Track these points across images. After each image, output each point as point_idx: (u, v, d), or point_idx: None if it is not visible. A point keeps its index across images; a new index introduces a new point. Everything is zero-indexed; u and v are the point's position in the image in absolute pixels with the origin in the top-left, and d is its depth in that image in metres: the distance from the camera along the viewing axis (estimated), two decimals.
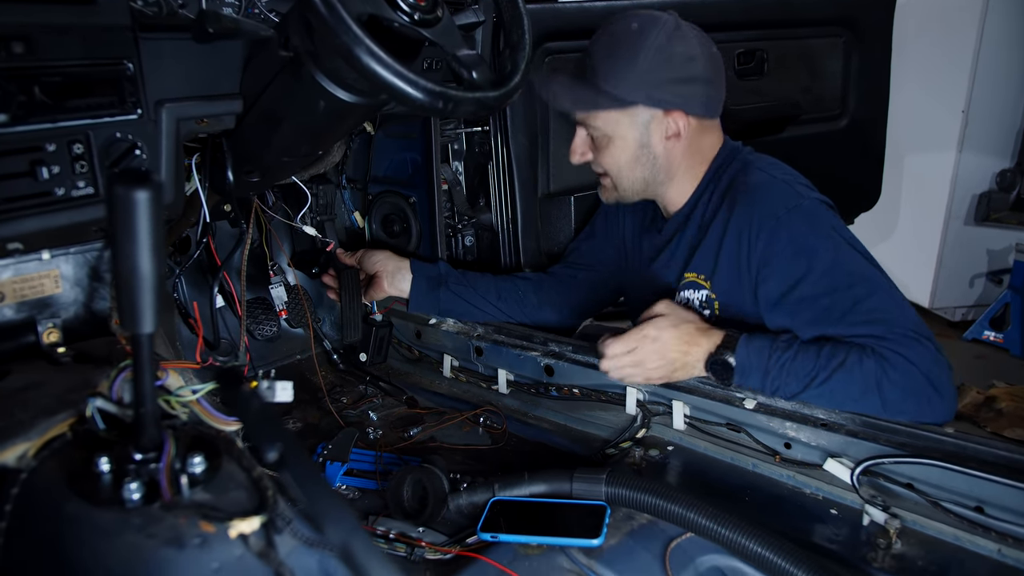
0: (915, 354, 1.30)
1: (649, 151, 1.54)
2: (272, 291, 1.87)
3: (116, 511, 0.75)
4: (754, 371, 1.37)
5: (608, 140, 1.54)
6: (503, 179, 1.89)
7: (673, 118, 1.51)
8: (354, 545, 0.55)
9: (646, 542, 1.16)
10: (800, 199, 1.44)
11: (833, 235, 1.41)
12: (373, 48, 0.90)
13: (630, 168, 1.56)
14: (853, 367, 1.31)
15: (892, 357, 1.30)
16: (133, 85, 1.06)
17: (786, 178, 1.50)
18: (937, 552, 1.17)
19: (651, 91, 1.48)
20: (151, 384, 0.78)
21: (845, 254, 1.40)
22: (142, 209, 0.66)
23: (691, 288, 1.59)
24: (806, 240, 1.40)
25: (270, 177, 1.51)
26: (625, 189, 1.60)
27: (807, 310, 1.39)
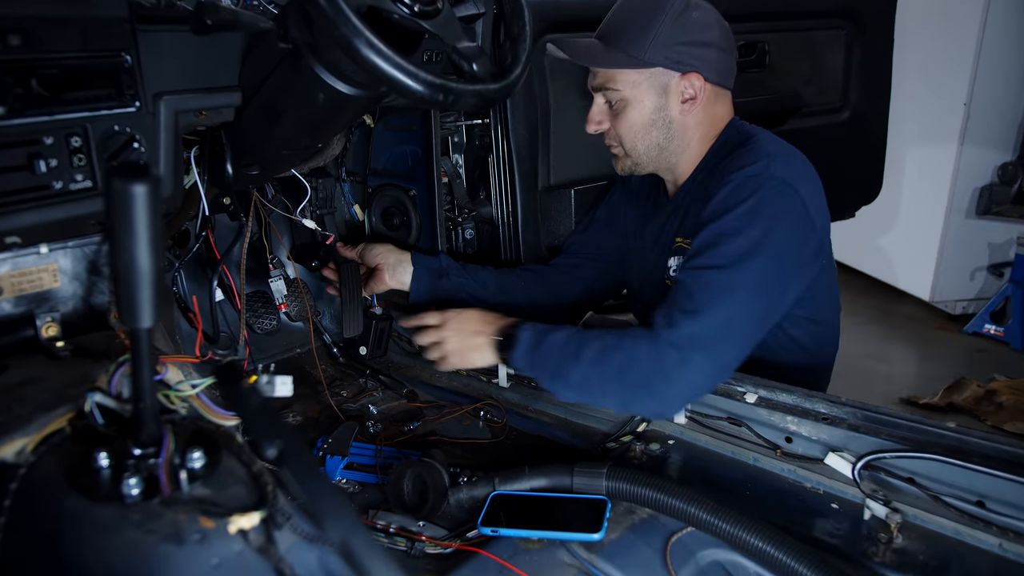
0: (681, 336, 1.31)
1: (666, 115, 1.55)
2: (272, 284, 1.86)
3: (115, 507, 0.74)
4: (524, 342, 1.44)
5: (625, 103, 1.55)
6: (503, 172, 1.88)
7: (690, 80, 1.53)
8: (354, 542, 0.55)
9: (647, 536, 1.16)
10: (766, 170, 1.41)
11: (757, 218, 1.38)
12: (373, 40, 0.89)
13: (646, 132, 1.57)
14: (611, 345, 1.35)
15: (667, 337, 1.32)
16: (131, 78, 1.06)
17: (772, 152, 1.46)
18: (938, 547, 1.17)
19: (670, 52, 1.50)
20: (150, 379, 0.78)
21: (749, 236, 1.36)
22: (140, 203, 0.65)
23: (679, 254, 1.60)
24: (736, 199, 1.39)
25: (269, 170, 1.51)
26: (640, 155, 1.60)
27: (692, 255, 1.41)
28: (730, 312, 1.33)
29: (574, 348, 1.38)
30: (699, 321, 1.32)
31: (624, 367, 1.33)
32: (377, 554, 0.54)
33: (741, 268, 1.35)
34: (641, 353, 1.32)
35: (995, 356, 3.91)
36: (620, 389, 1.35)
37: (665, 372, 1.31)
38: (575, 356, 1.37)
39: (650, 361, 1.31)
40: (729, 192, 1.41)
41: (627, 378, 1.33)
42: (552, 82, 1.88)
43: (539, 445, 1.58)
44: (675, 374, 1.31)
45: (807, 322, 1.57)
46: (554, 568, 1.10)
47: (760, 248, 1.36)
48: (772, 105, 2.44)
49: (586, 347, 1.37)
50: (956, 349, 4.05)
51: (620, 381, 1.34)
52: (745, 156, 1.46)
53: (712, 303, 1.33)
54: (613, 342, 1.35)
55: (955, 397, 3.26)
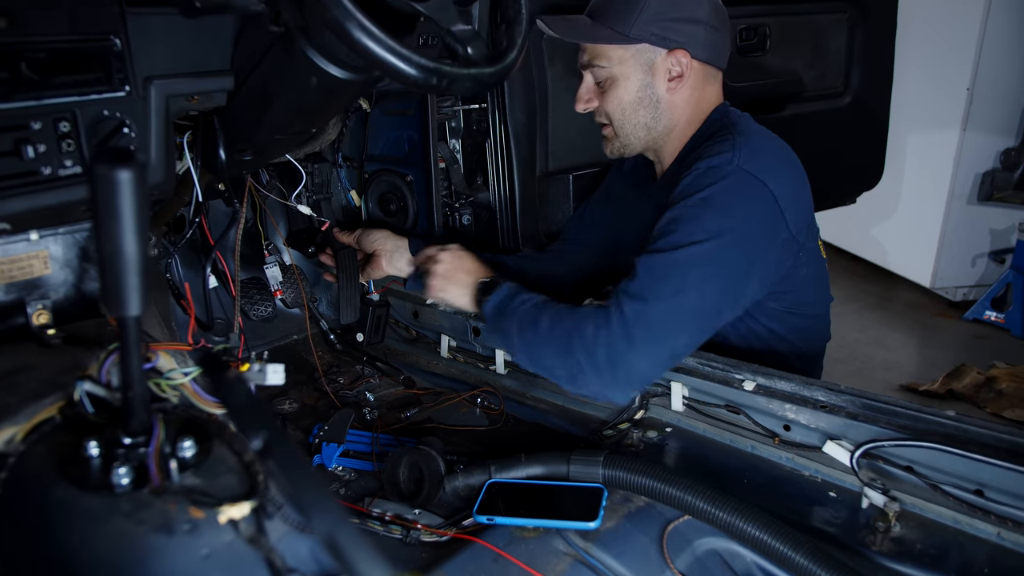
0: (625, 316, 1.30)
1: (652, 92, 1.54)
2: (267, 271, 1.85)
3: (105, 496, 0.74)
4: (496, 297, 1.47)
5: (612, 81, 1.55)
6: (501, 157, 1.87)
7: (676, 57, 1.51)
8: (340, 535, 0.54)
9: (643, 525, 1.16)
10: (731, 161, 1.39)
11: (712, 209, 1.36)
12: (365, 23, 0.87)
13: (633, 110, 1.56)
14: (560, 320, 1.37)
15: (613, 315, 1.31)
16: (120, 61, 1.04)
17: (745, 141, 1.43)
18: (936, 535, 1.17)
19: (656, 28, 1.49)
20: (139, 367, 0.77)
21: (703, 226, 1.35)
22: (125, 189, 0.64)
23: None
24: (695, 187, 1.38)
25: (263, 155, 1.49)
26: (628, 135, 1.59)
27: (650, 240, 1.40)
28: (679, 298, 1.32)
29: (533, 316, 1.40)
30: (646, 305, 1.31)
31: (571, 341, 1.33)
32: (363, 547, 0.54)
33: (691, 255, 1.33)
34: (588, 330, 1.32)
35: (995, 343, 3.90)
36: (566, 363, 1.34)
37: (610, 351, 1.30)
38: (532, 324, 1.39)
39: (596, 339, 1.31)
40: (691, 180, 1.41)
41: (574, 353, 1.33)
42: (550, 66, 1.87)
43: (536, 432, 1.58)
44: (620, 354, 1.30)
45: (786, 314, 1.54)
46: (550, 557, 1.09)
47: (715, 237, 1.33)
48: (772, 89, 2.42)
49: (543, 316, 1.39)
50: (956, 336, 4.04)
51: (567, 355, 1.34)
52: (715, 146, 1.44)
53: (659, 288, 1.32)
54: (567, 315, 1.37)
55: (955, 384, 3.25)
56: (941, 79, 3.94)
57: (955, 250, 4.25)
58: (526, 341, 1.41)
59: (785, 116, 2.47)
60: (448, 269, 1.59)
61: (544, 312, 1.40)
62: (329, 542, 0.55)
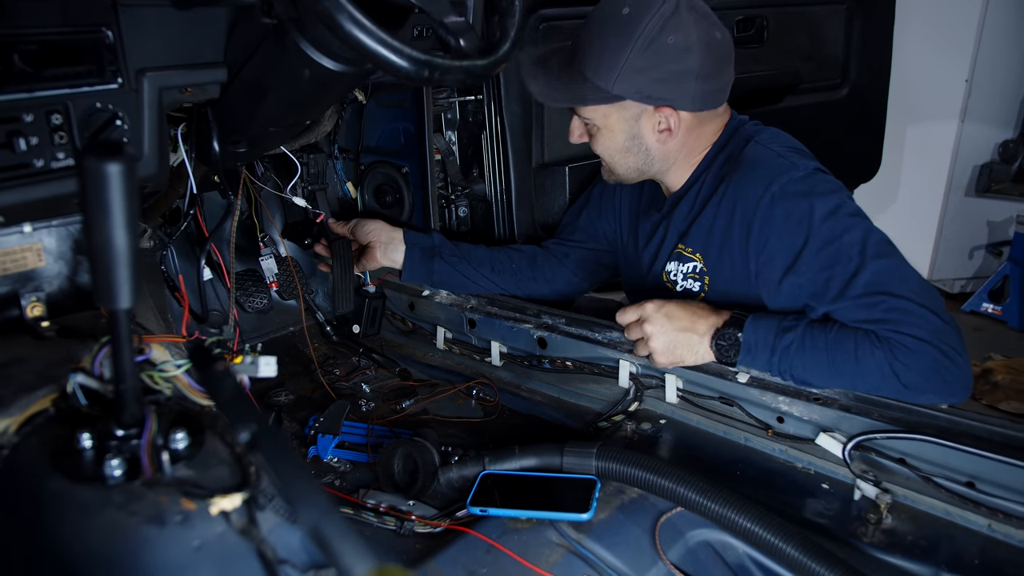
0: (922, 329, 1.25)
1: (640, 143, 1.50)
2: (262, 263, 1.85)
3: (97, 488, 0.74)
4: (761, 350, 1.33)
5: (598, 130, 1.52)
6: (497, 149, 1.86)
7: (664, 114, 1.46)
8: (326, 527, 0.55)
9: (636, 516, 1.17)
10: (794, 170, 1.39)
11: (827, 205, 1.35)
12: (356, 15, 0.87)
13: (622, 157, 1.54)
14: (864, 357, 1.26)
15: (898, 339, 1.25)
16: (112, 53, 1.04)
17: (782, 151, 1.44)
18: (928, 527, 1.17)
19: (640, 87, 1.42)
20: (131, 360, 0.77)
21: (841, 224, 1.34)
22: (115, 182, 0.64)
23: (678, 260, 1.57)
24: (801, 215, 1.36)
25: (257, 147, 1.49)
26: (621, 175, 1.58)
27: (808, 285, 1.34)
28: (889, 266, 1.32)
29: (823, 359, 1.29)
30: (891, 296, 1.28)
31: (883, 380, 1.27)
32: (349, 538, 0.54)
33: (856, 243, 1.32)
34: (880, 360, 1.26)
35: (993, 335, 3.90)
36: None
37: (940, 367, 1.25)
38: (828, 366, 1.29)
39: (903, 365, 1.25)
40: (783, 215, 1.36)
41: (925, 363, 1.25)
42: None
43: (531, 424, 1.58)
44: (952, 362, 1.25)
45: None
46: (542, 548, 1.10)
47: (846, 220, 1.35)
48: (770, 81, 2.42)
49: (834, 356, 1.29)
50: None
51: (922, 369, 1.25)
52: (762, 164, 1.42)
53: (877, 277, 1.30)
54: (866, 361, 1.27)
55: None
56: (940, 71, 3.92)
57: (953, 242, 4.25)
58: (807, 381, 1.32)
59: (782, 108, 2.47)
60: (664, 338, 1.39)
61: (822, 351, 1.29)
62: (315, 533, 0.56)
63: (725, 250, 1.47)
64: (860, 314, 1.29)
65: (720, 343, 1.37)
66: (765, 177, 1.40)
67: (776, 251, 1.38)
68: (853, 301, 1.30)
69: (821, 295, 1.33)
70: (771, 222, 1.38)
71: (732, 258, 1.46)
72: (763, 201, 1.38)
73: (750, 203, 1.40)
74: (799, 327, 1.32)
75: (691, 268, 1.55)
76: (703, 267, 1.53)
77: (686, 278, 1.56)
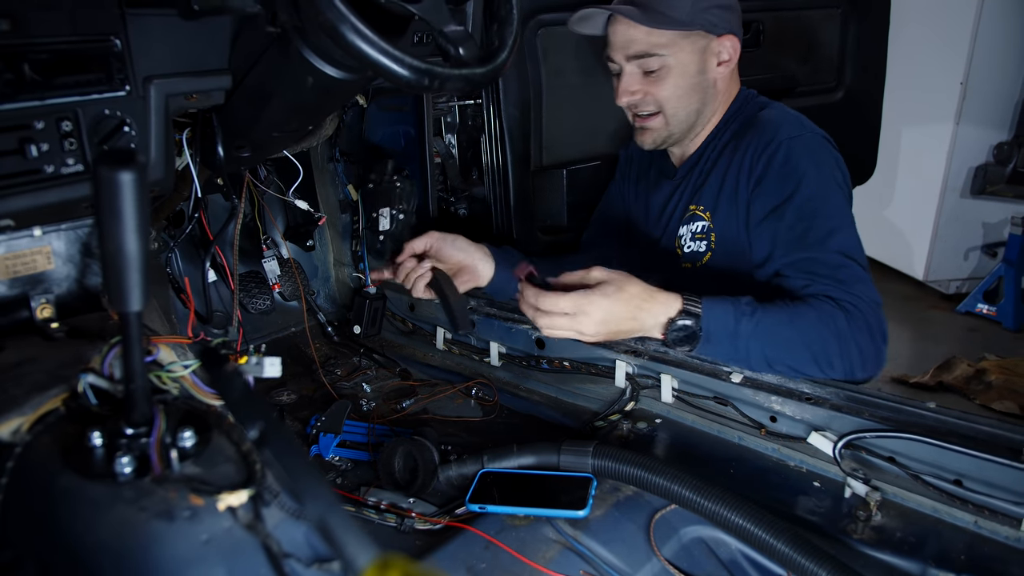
0: (873, 305, 1.37)
1: (705, 78, 1.58)
2: (265, 265, 1.88)
3: (108, 484, 0.76)
4: (723, 337, 1.32)
5: (668, 70, 1.56)
6: (496, 152, 1.89)
7: (723, 43, 1.56)
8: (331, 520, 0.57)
9: (631, 513, 1.19)
10: (804, 130, 1.50)
11: (824, 168, 1.47)
12: (358, 25, 0.90)
13: (688, 97, 1.59)
14: (825, 320, 1.33)
15: (859, 305, 1.35)
16: (121, 62, 1.06)
17: (798, 115, 1.57)
18: (916, 524, 1.20)
19: (707, 15, 1.53)
20: (140, 361, 0.79)
21: (830, 189, 1.46)
22: (127, 190, 0.66)
23: (689, 222, 1.62)
24: (799, 164, 1.45)
25: (261, 152, 1.52)
26: (679, 122, 1.62)
27: (787, 230, 1.44)
28: (857, 242, 1.44)
29: (774, 333, 1.32)
30: (855, 264, 1.39)
31: (829, 347, 1.33)
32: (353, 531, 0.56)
33: (838, 208, 1.45)
34: (842, 326, 1.33)
35: (987, 335, 3.93)
36: (830, 366, 1.35)
37: (872, 330, 1.36)
38: (780, 342, 1.33)
39: (857, 330, 1.34)
40: (783, 159, 1.46)
41: (840, 357, 1.34)
42: (544, 62, 1.89)
43: (529, 423, 1.61)
44: (878, 325, 1.37)
45: None
46: (539, 544, 1.12)
47: (835, 189, 1.47)
48: (766, 85, 2.42)
49: (786, 330, 1.33)
50: (949, 328, 4.07)
51: (831, 360, 1.34)
52: (777, 121, 1.52)
53: (849, 243, 1.42)
54: (815, 325, 1.33)
55: (945, 376, 3.28)
56: (935, 73, 3.95)
57: (948, 243, 4.27)
58: (770, 359, 1.34)
59: None
60: (620, 307, 1.30)
61: (785, 326, 1.33)
62: (320, 526, 0.58)
63: (732, 202, 1.54)
64: (825, 269, 1.38)
65: (675, 332, 1.32)
66: (779, 129, 1.50)
67: (766, 191, 1.47)
68: (824, 253, 1.39)
69: (798, 243, 1.42)
70: (771, 165, 1.47)
71: (737, 209, 1.53)
72: (771, 146, 1.48)
73: (759, 149, 1.50)
74: (753, 309, 1.33)
75: (699, 228, 1.61)
76: (710, 225, 1.58)
77: (693, 239, 1.62)
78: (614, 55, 1.60)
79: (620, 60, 1.59)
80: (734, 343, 1.33)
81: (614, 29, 1.58)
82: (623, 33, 1.56)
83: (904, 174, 4.20)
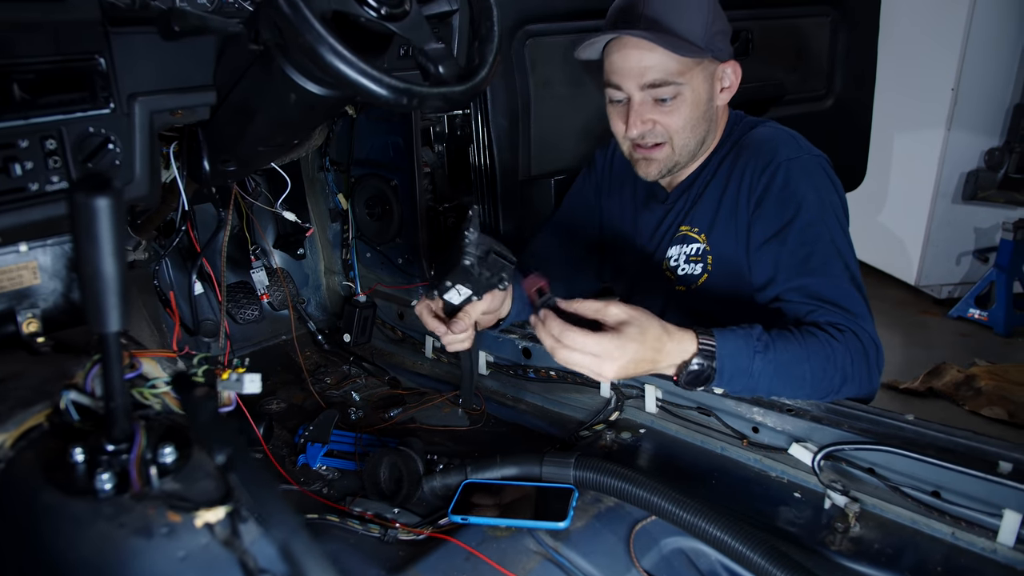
0: (871, 327, 1.38)
1: (712, 105, 1.55)
2: (254, 275, 1.89)
3: (89, 501, 0.77)
4: (736, 375, 1.29)
5: (682, 99, 1.48)
6: (484, 162, 1.90)
7: (726, 68, 1.54)
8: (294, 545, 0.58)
9: (612, 524, 1.20)
10: (801, 151, 1.49)
11: (823, 192, 1.45)
12: (336, 46, 0.91)
13: (696, 125, 1.52)
14: (836, 355, 1.32)
15: (859, 335, 1.35)
16: (105, 80, 1.07)
17: (792, 133, 1.55)
18: (894, 535, 1.21)
19: (716, 40, 1.49)
20: (120, 380, 0.80)
21: (830, 214, 1.44)
22: (103, 215, 0.67)
23: (681, 243, 1.61)
24: (798, 187, 1.44)
25: (247, 166, 1.52)
26: (687, 152, 1.55)
27: (789, 255, 1.42)
28: (856, 269, 1.43)
29: (785, 372, 1.31)
30: (857, 293, 1.40)
31: (835, 376, 1.34)
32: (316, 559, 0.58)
33: (839, 235, 1.43)
34: (846, 363, 1.33)
35: (979, 341, 3.95)
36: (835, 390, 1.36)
37: (870, 364, 1.37)
38: (791, 379, 1.32)
39: (859, 365, 1.35)
40: (783, 182, 1.45)
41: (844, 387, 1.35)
42: (532, 73, 1.90)
43: (515, 433, 1.62)
44: (876, 360, 1.38)
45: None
46: (519, 555, 1.13)
47: (833, 214, 1.45)
48: (755, 93, 2.45)
49: (797, 367, 1.31)
50: (941, 333, 4.08)
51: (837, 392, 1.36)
52: (773, 141, 1.51)
53: (850, 271, 1.41)
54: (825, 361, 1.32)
55: (935, 382, 3.29)
56: (926, 79, 3.97)
57: (940, 248, 4.30)
58: (773, 390, 1.35)
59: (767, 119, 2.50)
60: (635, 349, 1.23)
61: (797, 364, 1.31)
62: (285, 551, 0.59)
63: (730, 225, 1.52)
64: (830, 296, 1.37)
65: (690, 376, 1.28)
66: (777, 149, 1.49)
67: (765, 215, 1.46)
68: (828, 279, 1.38)
69: (801, 269, 1.41)
70: (771, 188, 1.45)
71: (736, 232, 1.51)
72: (769, 168, 1.46)
73: (757, 170, 1.48)
74: (765, 345, 1.29)
75: (694, 250, 1.58)
76: (706, 247, 1.56)
77: (688, 261, 1.59)
78: (624, 83, 1.48)
79: (630, 88, 1.48)
80: (746, 382, 1.30)
81: (624, 55, 1.47)
82: (636, 59, 1.45)
83: (896, 179, 4.22)
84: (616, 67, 1.49)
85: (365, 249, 2.04)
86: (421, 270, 1.93)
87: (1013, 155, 3.99)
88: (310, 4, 0.90)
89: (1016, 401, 3.09)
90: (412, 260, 1.95)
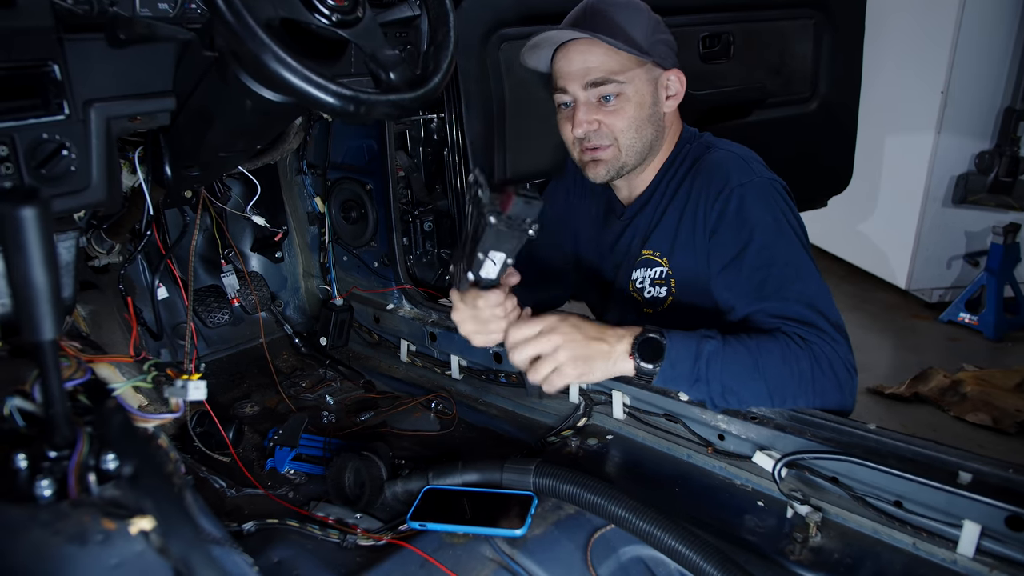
0: (841, 350, 1.35)
1: (657, 110, 1.57)
2: (224, 279, 1.89)
3: (27, 508, 0.77)
4: (683, 357, 1.30)
5: (625, 99, 1.53)
6: (459, 165, 1.90)
7: (670, 76, 1.57)
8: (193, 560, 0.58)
9: (571, 532, 1.19)
10: (754, 175, 1.49)
11: (777, 214, 1.45)
12: (279, 54, 0.91)
13: (641, 128, 1.55)
14: (789, 357, 1.32)
15: (823, 349, 1.33)
16: (58, 87, 1.06)
17: (744, 156, 1.55)
18: (855, 545, 1.20)
19: (659, 46, 1.54)
20: (59, 387, 0.80)
21: (786, 235, 1.44)
22: (29, 226, 0.67)
23: (645, 266, 1.61)
24: (751, 212, 1.44)
25: (210, 172, 1.52)
26: (635, 153, 1.57)
27: (746, 281, 1.42)
28: (821, 289, 1.41)
29: (741, 369, 1.31)
30: (821, 311, 1.37)
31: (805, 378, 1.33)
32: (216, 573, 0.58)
33: (795, 256, 1.43)
34: (804, 368, 1.32)
35: (969, 345, 3.93)
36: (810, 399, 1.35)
37: (842, 366, 1.34)
38: (747, 378, 1.31)
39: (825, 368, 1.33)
40: (736, 208, 1.45)
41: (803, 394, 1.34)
42: (507, 76, 1.90)
43: (484, 438, 1.62)
44: (847, 363, 1.36)
45: None
46: (475, 563, 1.13)
47: (790, 235, 1.44)
48: (736, 96, 2.45)
49: (755, 366, 1.31)
50: (931, 338, 4.07)
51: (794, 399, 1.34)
52: (725, 166, 1.51)
53: (811, 291, 1.39)
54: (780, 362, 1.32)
55: (921, 387, 3.27)
56: (915, 82, 3.96)
57: (930, 252, 4.29)
58: (726, 387, 1.32)
59: (751, 122, 2.50)
60: (574, 348, 1.29)
61: (747, 353, 1.31)
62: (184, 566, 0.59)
63: (689, 250, 1.53)
64: (796, 309, 1.37)
65: (643, 348, 1.31)
66: (729, 175, 1.49)
67: (722, 242, 1.46)
68: (788, 304, 1.37)
69: (757, 293, 1.40)
70: (725, 215, 1.46)
71: (697, 257, 1.52)
72: (723, 195, 1.47)
73: (711, 197, 1.48)
74: (718, 335, 1.32)
75: (658, 273, 1.59)
76: (668, 271, 1.57)
77: (653, 284, 1.60)
78: (568, 85, 1.54)
79: (575, 89, 1.53)
80: (695, 364, 1.30)
81: (568, 58, 1.53)
82: (580, 60, 1.51)
83: (886, 183, 4.21)
84: (562, 71, 1.56)
85: (342, 253, 2.05)
86: (396, 274, 1.92)
87: (1003, 158, 3.97)
88: (254, 12, 0.90)
89: (1001, 407, 3.08)
90: (388, 264, 1.95)
